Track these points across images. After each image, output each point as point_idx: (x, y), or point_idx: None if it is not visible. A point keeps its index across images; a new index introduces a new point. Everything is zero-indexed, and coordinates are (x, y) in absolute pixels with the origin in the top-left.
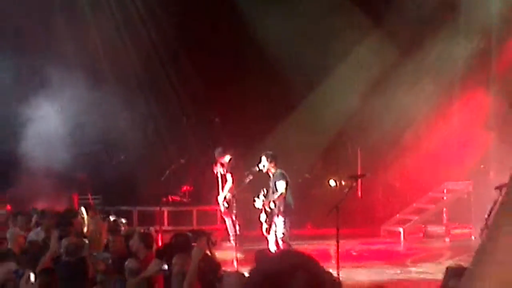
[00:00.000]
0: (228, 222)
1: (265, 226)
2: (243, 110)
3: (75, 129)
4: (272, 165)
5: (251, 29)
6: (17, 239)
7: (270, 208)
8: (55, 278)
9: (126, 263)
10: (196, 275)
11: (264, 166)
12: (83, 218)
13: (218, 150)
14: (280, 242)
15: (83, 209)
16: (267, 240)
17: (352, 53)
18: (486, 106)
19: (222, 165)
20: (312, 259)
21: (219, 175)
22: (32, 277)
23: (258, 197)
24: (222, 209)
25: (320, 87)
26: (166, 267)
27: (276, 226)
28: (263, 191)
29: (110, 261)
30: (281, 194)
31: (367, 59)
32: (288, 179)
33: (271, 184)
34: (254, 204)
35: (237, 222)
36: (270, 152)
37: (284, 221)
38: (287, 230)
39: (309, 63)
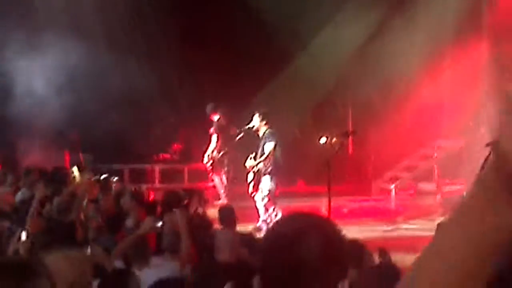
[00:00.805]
0: (216, 180)
1: (251, 186)
2: (233, 70)
3: (66, 87)
4: (263, 123)
5: None
6: (5, 197)
7: (258, 169)
8: (48, 238)
9: (126, 221)
10: (190, 235)
11: (255, 124)
12: (74, 176)
13: (210, 106)
14: (266, 200)
15: (75, 168)
16: (254, 199)
17: (342, 10)
18: (478, 62)
19: (211, 122)
20: (327, 219)
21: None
22: (24, 235)
23: (249, 158)
24: (208, 167)
25: (309, 45)
26: (160, 224)
27: (262, 184)
28: (252, 154)
29: (99, 219)
30: (268, 155)
31: (356, 16)
32: (277, 139)
33: (260, 143)
34: (244, 164)
35: (228, 179)
36: (263, 110)
37: (271, 179)
38: (273, 188)
39: (298, 21)
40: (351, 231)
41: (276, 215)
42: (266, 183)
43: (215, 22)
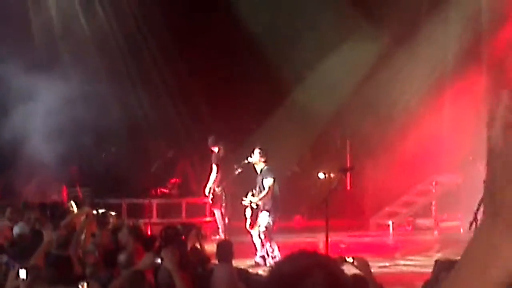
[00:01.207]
0: (217, 214)
1: (249, 221)
2: (232, 103)
3: (64, 121)
4: (262, 160)
5: (241, 22)
6: (4, 231)
7: (256, 205)
8: (47, 273)
9: (119, 256)
10: (179, 273)
11: (255, 160)
12: (72, 211)
13: (211, 139)
14: (262, 236)
15: (72, 202)
16: (251, 235)
17: (342, 45)
18: (478, 96)
19: (212, 154)
20: (329, 258)
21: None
22: (23, 273)
23: (246, 197)
24: (210, 200)
25: (309, 79)
26: (159, 260)
27: (260, 219)
28: (252, 191)
29: (97, 254)
30: (268, 191)
31: (356, 50)
32: (275, 175)
33: (259, 180)
34: (242, 202)
35: (226, 214)
36: (265, 148)
37: (269, 215)
38: (270, 224)
39: (298, 55)
40: (349, 267)
41: (272, 251)
42: (264, 219)
43: (214, 55)
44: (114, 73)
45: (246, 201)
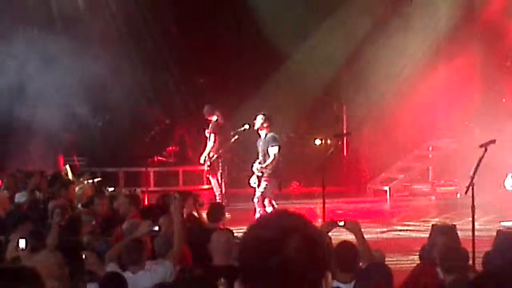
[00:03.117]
0: (213, 181)
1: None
2: (227, 70)
3: (61, 90)
4: (266, 125)
5: None
6: (3, 201)
7: (262, 173)
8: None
9: (123, 224)
10: (184, 236)
11: (257, 125)
12: (67, 176)
13: (207, 107)
14: (256, 200)
15: (68, 167)
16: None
17: (337, 11)
18: (472, 62)
19: (209, 123)
20: (305, 221)
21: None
22: (22, 243)
23: (257, 163)
24: (206, 168)
25: (305, 45)
26: (157, 228)
27: (260, 186)
28: (259, 157)
29: (94, 222)
30: (273, 159)
31: (351, 16)
32: (280, 143)
33: (262, 145)
34: (252, 169)
35: (223, 182)
36: (267, 113)
37: (267, 183)
38: (267, 191)
39: (293, 21)
40: (346, 233)
41: None
42: (262, 185)
43: (210, 25)
44: (109, 42)
45: (255, 167)
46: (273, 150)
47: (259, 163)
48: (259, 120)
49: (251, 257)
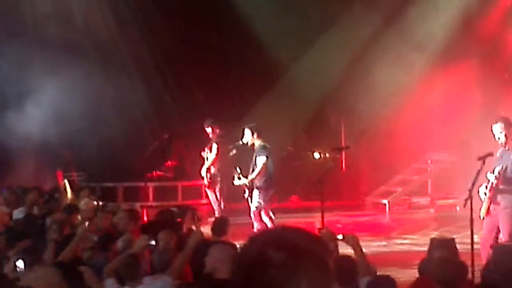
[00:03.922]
0: (211, 196)
1: (249, 200)
2: (226, 84)
3: (58, 105)
4: (255, 137)
5: (234, 4)
6: (2, 216)
7: (251, 183)
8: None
9: (118, 241)
10: (190, 256)
11: (247, 139)
12: (66, 192)
13: (208, 121)
14: (252, 216)
15: (66, 183)
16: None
17: (335, 24)
18: (470, 75)
19: (213, 134)
20: (301, 235)
21: (206, 149)
22: (20, 263)
23: (236, 176)
24: (205, 181)
25: (303, 59)
26: (153, 242)
27: (253, 198)
28: (237, 169)
29: (95, 238)
30: (260, 170)
31: (350, 30)
32: (269, 153)
33: (254, 156)
34: (233, 183)
35: (221, 196)
36: (253, 124)
37: (259, 195)
38: (260, 204)
39: (291, 35)
40: (345, 247)
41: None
42: (255, 198)
43: (208, 38)
44: (108, 59)
45: (237, 182)
46: (261, 160)
47: (239, 176)
48: (247, 133)
49: (244, 273)
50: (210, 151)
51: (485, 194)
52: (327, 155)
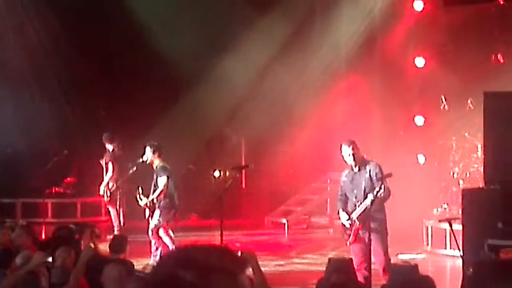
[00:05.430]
0: (113, 212)
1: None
2: (128, 101)
3: None
4: (156, 156)
5: (138, 20)
6: None
7: (152, 203)
8: None
9: (18, 257)
10: (83, 271)
11: (147, 157)
12: None
13: (106, 135)
14: (150, 233)
15: None
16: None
17: (237, 43)
18: (371, 95)
19: (106, 152)
20: (198, 257)
21: (103, 164)
22: None
23: (139, 197)
24: (105, 198)
25: (205, 77)
26: (50, 259)
27: (153, 218)
28: (140, 189)
29: None
30: (161, 190)
31: (251, 49)
32: (170, 173)
33: (154, 177)
34: (138, 203)
35: (121, 213)
36: (154, 143)
37: (160, 214)
38: (159, 223)
39: (194, 53)
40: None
41: (156, 249)
42: (155, 218)
43: (111, 55)
44: (8, 73)
45: (141, 202)
46: (162, 181)
47: (140, 195)
48: (148, 151)
49: None
50: (107, 168)
51: (348, 220)
52: (227, 173)
